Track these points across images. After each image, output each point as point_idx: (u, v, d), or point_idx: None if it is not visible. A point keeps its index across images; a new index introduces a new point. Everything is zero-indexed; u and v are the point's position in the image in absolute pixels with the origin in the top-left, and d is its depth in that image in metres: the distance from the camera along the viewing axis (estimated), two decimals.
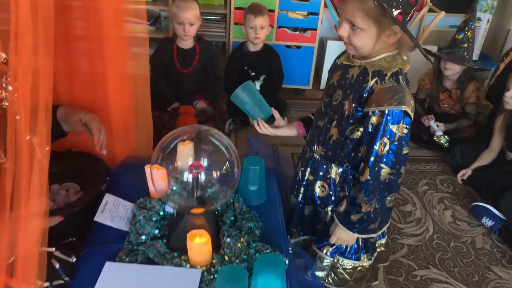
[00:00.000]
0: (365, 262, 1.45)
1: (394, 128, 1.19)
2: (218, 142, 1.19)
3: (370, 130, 1.22)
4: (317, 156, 1.42)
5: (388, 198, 1.28)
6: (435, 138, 2.79)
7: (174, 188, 1.27)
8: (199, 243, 1.14)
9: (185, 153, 1.29)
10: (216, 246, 1.23)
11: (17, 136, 0.92)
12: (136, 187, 1.42)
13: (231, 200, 1.38)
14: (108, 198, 1.33)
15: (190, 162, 1.23)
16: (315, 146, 1.42)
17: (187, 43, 2.74)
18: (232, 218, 1.32)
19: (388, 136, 1.19)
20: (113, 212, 1.30)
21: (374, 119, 1.21)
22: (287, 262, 1.18)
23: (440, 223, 2.29)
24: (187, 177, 1.16)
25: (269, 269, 1.02)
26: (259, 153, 1.64)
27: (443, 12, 3.22)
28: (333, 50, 3.50)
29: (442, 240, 2.18)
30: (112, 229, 1.26)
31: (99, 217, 1.26)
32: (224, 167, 1.18)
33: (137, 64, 1.48)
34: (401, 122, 1.19)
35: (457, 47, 2.77)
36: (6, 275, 0.99)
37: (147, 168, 1.36)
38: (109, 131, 1.46)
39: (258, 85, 3.00)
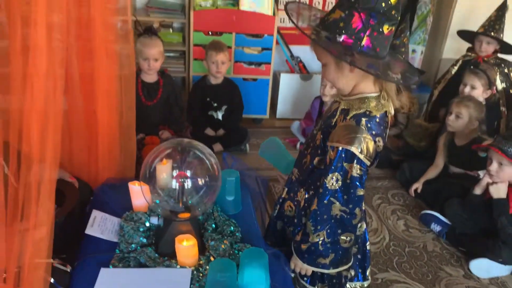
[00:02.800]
0: None
1: (346, 166, 1.21)
2: (200, 152, 1.33)
3: (327, 164, 1.26)
4: (294, 178, 1.48)
5: (343, 237, 1.28)
6: None
7: (157, 201, 1.39)
8: (187, 246, 1.26)
9: (163, 171, 1.42)
10: (201, 250, 1.35)
11: (30, 152, 1.02)
12: (119, 204, 1.52)
13: (211, 211, 1.51)
14: (96, 214, 1.42)
15: (169, 179, 1.36)
16: (295, 169, 1.49)
17: (151, 77, 2.89)
18: (213, 225, 1.45)
19: (341, 173, 1.22)
20: (102, 225, 1.39)
21: (331, 153, 1.24)
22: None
23: (394, 231, 2.50)
24: (175, 185, 1.29)
25: (254, 260, 1.16)
26: (233, 168, 1.79)
27: None
28: (286, 82, 3.77)
29: (398, 246, 2.39)
30: (102, 240, 1.35)
31: (89, 230, 1.35)
32: (207, 174, 1.32)
33: (122, 64, 1.58)
34: (354, 162, 1.20)
35: (396, 51, 3.02)
36: (13, 285, 1.05)
37: (132, 185, 1.48)
38: (95, 148, 1.55)
39: (220, 115, 3.17)
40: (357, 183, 1.23)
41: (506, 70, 3.13)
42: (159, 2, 3.60)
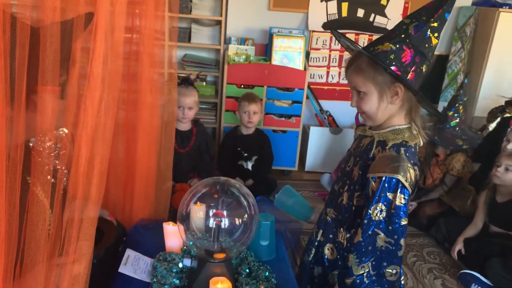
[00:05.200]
0: None
1: (390, 195, 1.21)
2: (238, 193, 1.32)
3: (369, 195, 1.25)
4: (329, 219, 1.45)
5: (388, 270, 1.25)
6: None
7: (191, 243, 1.36)
8: None
9: (197, 213, 1.40)
10: None
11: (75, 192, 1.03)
12: (152, 245, 1.50)
13: (244, 255, 1.47)
14: (129, 253, 1.40)
15: (203, 221, 1.35)
16: (329, 209, 1.46)
17: (185, 126, 2.94)
18: (247, 270, 1.40)
19: (385, 203, 1.22)
20: (135, 265, 1.37)
21: (373, 185, 1.24)
22: None
23: None
24: (212, 223, 1.27)
25: None
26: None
27: None
28: (315, 135, 3.78)
29: None
30: (134, 280, 1.32)
31: (123, 269, 1.33)
32: (246, 215, 1.29)
33: (164, 113, 1.64)
34: (398, 191, 1.21)
35: (449, 124, 2.94)
36: None
37: (167, 225, 1.46)
38: (131, 189, 1.56)
39: (250, 165, 3.18)
40: (401, 213, 1.23)
41: None
42: (194, 56, 3.75)
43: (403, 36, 1.21)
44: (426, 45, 1.21)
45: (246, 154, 3.17)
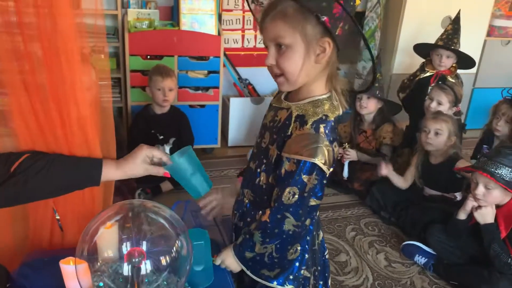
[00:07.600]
0: None
1: (305, 178, 1.10)
2: (162, 218, 0.97)
3: (282, 176, 1.12)
4: (247, 201, 1.29)
5: (291, 251, 1.18)
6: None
7: (101, 284, 1.00)
8: None
9: (108, 239, 1.04)
10: None
11: None
12: None
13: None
14: None
15: (114, 249, 0.99)
16: (246, 190, 1.29)
17: None
18: None
19: (298, 186, 1.10)
20: None
21: (287, 165, 1.11)
22: None
23: (376, 268, 2.24)
24: (127, 269, 0.91)
25: None
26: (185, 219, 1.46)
27: None
28: (236, 106, 3.47)
29: (384, 286, 2.12)
30: None
31: None
32: (174, 248, 0.95)
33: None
34: (314, 173, 1.10)
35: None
36: None
37: (65, 265, 1.07)
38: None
39: (167, 148, 2.79)
40: (312, 194, 1.13)
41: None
42: (86, 25, 3.17)
43: None
44: (351, 3, 1.08)
45: (162, 137, 2.77)
